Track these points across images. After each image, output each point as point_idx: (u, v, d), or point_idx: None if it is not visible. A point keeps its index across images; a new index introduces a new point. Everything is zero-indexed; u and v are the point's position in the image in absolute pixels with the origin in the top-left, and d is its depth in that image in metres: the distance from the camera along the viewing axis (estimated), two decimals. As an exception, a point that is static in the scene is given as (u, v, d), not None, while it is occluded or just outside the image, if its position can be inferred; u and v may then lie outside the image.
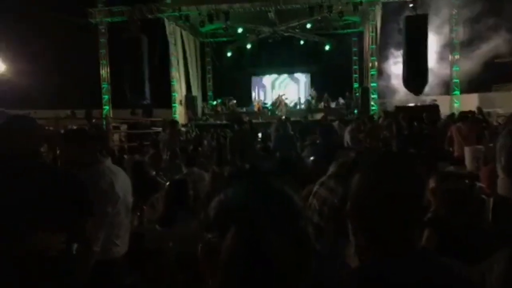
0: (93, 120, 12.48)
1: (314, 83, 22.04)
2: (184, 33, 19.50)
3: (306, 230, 0.71)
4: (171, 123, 9.65)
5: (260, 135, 11.95)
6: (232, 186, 0.72)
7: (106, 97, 18.91)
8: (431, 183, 3.56)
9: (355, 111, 18.40)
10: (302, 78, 22.88)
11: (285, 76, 22.92)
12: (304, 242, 0.69)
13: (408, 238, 0.93)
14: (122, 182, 2.58)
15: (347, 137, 9.21)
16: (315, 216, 2.35)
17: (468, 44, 17.15)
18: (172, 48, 18.57)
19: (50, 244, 1.92)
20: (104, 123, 10.86)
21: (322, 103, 19.81)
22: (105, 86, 18.89)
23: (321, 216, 2.35)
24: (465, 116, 8.60)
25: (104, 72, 18.81)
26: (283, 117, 14.01)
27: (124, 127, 13.01)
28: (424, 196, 0.97)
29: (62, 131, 10.60)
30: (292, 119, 12.61)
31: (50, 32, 17.93)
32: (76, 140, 2.56)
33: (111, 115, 17.66)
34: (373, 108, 17.30)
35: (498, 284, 2.06)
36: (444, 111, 15.13)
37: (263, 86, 23.20)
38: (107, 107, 18.80)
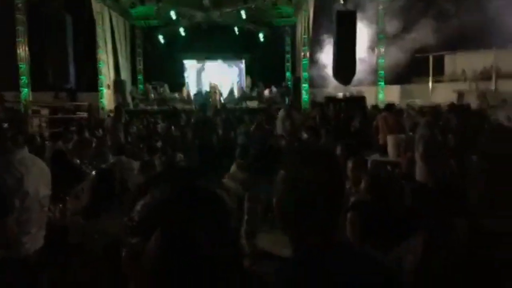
0: (6, 103, 11.52)
1: (248, 71, 22.11)
2: (113, 14, 18.49)
3: (234, 228, 0.69)
4: (115, 108, 9.17)
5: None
6: (157, 188, 0.69)
7: (24, 78, 17.41)
8: (349, 167, 3.75)
9: (287, 100, 18.79)
10: (235, 65, 22.84)
11: (219, 62, 22.71)
12: (233, 241, 0.68)
13: (329, 228, 0.96)
14: (36, 175, 2.38)
15: (278, 126, 9.38)
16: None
17: (394, 38, 18.20)
18: (99, 28, 17.51)
19: None
20: (22, 107, 10.03)
21: (256, 91, 19.95)
22: (22, 66, 17.36)
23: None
24: (390, 106, 9.13)
25: (22, 51, 17.27)
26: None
27: (45, 111, 12.11)
28: (341, 187, 1.02)
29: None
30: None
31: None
32: None
33: (31, 99, 16.35)
34: (304, 97, 17.78)
35: (413, 267, 2.22)
36: (371, 101, 15.98)
37: (195, 72, 22.81)
38: (25, 90, 17.34)
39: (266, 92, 19.90)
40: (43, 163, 2.61)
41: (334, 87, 18.51)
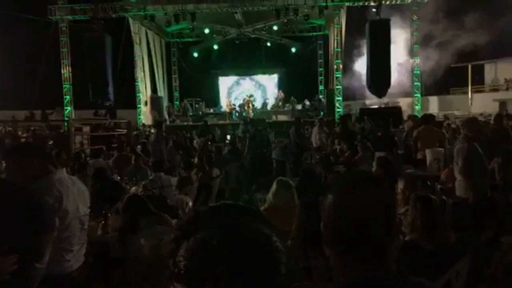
0: (50, 122, 12.10)
1: (280, 85, 22.21)
2: (149, 33, 19.16)
3: (284, 276, 0.67)
4: (157, 124, 9.43)
5: (228, 137, 11.91)
6: (202, 230, 0.66)
7: (67, 97, 18.30)
8: (400, 186, 3.68)
9: (321, 113, 18.69)
10: (269, 79, 22.99)
11: (251, 77, 22.95)
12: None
13: (383, 258, 0.95)
14: (75, 194, 2.49)
15: (313, 139, 9.35)
16: None
17: (430, 47, 17.81)
18: (136, 48, 18.19)
19: (3, 267, 1.84)
20: (66, 125, 10.49)
21: (289, 105, 19.99)
22: (66, 86, 18.26)
23: None
24: (427, 118, 8.86)
25: (66, 72, 18.19)
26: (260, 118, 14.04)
27: (87, 129, 12.61)
28: (395, 213, 0.99)
29: (23, 136, 10.19)
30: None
31: (8, 29, 17.19)
32: (20, 155, 2.45)
33: (73, 116, 17.11)
34: (338, 110, 17.63)
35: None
36: (408, 113, 15.64)
37: (230, 87, 23.12)
38: (69, 108, 18.20)
39: (299, 106, 19.89)
40: (81, 183, 2.73)
41: (369, 99, 18.28)
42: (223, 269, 0.61)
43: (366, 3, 16.31)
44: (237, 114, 19.34)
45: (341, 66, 17.68)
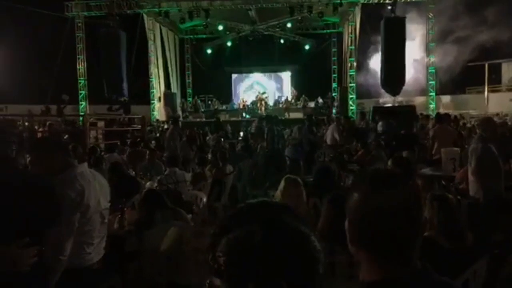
0: (66, 116, 12.24)
1: (293, 82, 22.15)
2: (163, 29, 19.27)
3: (322, 276, 0.67)
4: (173, 120, 9.51)
5: (241, 134, 11.93)
6: (242, 227, 0.67)
7: (82, 92, 18.52)
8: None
9: (334, 111, 18.60)
10: (282, 76, 22.95)
11: (265, 74, 22.94)
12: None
13: (409, 257, 0.95)
14: (97, 189, 2.52)
15: (330, 136, 9.31)
16: None
17: (445, 46, 17.56)
18: (151, 44, 18.31)
19: (23, 259, 1.88)
20: (82, 120, 10.62)
21: (300, 102, 19.94)
22: (81, 81, 18.49)
23: None
24: (442, 117, 8.77)
25: (81, 67, 18.41)
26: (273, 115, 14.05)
27: (101, 124, 12.75)
28: (421, 213, 0.98)
29: (40, 130, 10.35)
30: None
31: (25, 24, 17.43)
32: (43, 149, 2.48)
33: (88, 111, 17.30)
34: (352, 108, 17.53)
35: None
36: (420, 112, 15.46)
37: (243, 84, 23.13)
38: (83, 103, 18.42)
39: (312, 103, 19.83)
40: (102, 177, 2.77)
41: (383, 97, 18.13)
42: (264, 266, 0.62)
43: (381, 0, 16.16)
44: (249, 111, 19.37)
45: (354, 63, 17.58)
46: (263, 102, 19.55)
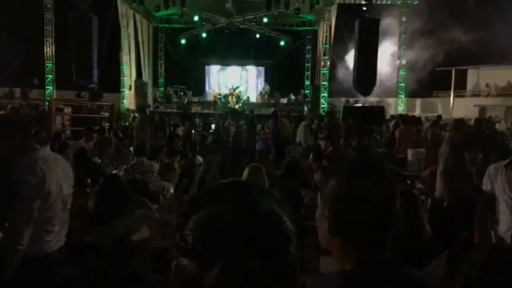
0: (30, 101, 11.80)
1: (267, 78, 22.18)
2: (137, 16, 18.82)
3: (294, 257, 0.65)
4: (142, 110, 9.35)
5: (213, 126, 11.83)
6: (214, 205, 0.64)
7: (49, 76, 17.88)
8: None
9: (305, 108, 18.76)
10: (255, 71, 22.92)
11: (239, 67, 22.84)
12: (292, 270, 0.65)
13: (383, 245, 0.96)
14: (59, 174, 2.40)
15: (300, 133, 9.37)
16: None
17: (416, 50, 18.01)
18: (123, 31, 17.85)
19: None
20: (47, 104, 10.25)
21: (274, 99, 20.01)
22: (49, 65, 17.84)
23: None
24: (406, 119, 9.03)
25: (49, 50, 17.75)
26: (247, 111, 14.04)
27: (68, 110, 12.36)
28: (396, 203, 0.99)
29: (1, 113, 9.92)
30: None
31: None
32: (1, 130, 2.32)
33: (55, 96, 16.73)
34: (323, 106, 17.73)
35: (440, 283, 2.20)
36: (391, 113, 15.84)
37: (216, 76, 22.96)
38: (50, 88, 17.79)
39: (284, 99, 19.92)
40: (66, 161, 2.64)
41: (353, 97, 18.43)
42: (234, 244, 0.60)
43: (357, 1, 16.38)
44: (221, 104, 19.27)
45: (328, 62, 17.76)
46: (233, 98, 19.42)
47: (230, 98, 19.37)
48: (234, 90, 19.95)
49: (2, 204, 1.90)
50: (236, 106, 18.46)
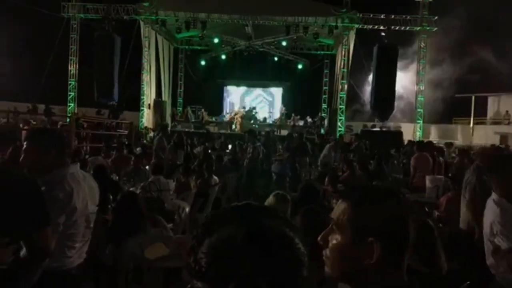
0: (53, 116, 12.08)
1: (284, 100, 22.30)
2: (159, 37, 19.30)
3: (305, 278, 0.66)
4: (162, 128, 9.50)
5: (230, 147, 11.88)
6: (226, 228, 0.66)
7: (72, 94, 18.36)
8: None
9: (322, 131, 18.71)
10: (274, 92, 23.10)
11: (257, 89, 23.07)
12: None
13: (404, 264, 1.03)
14: (86, 191, 2.42)
15: (326, 157, 9.33)
16: None
17: (435, 76, 17.94)
18: (145, 51, 18.30)
19: (1, 256, 1.81)
20: (68, 121, 10.49)
21: (290, 121, 20.04)
22: (72, 83, 18.35)
23: None
24: (423, 145, 8.91)
25: (73, 68, 18.28)
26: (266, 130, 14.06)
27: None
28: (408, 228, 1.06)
29: (25, 128, 10.18)
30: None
31: (19, 21, 17.29)
32: (40, 141, 2.33)
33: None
34: (340, 129, 17.67)
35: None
36: (407, 138, 15.66)
37: (234, 97, 23.18)
38: (72, 105, 18.23)
39: (300, 122, 19.93)
40: (93, 180, 2.67)
41: (370, 121, 18.35)
42: (247, 268, 0.61)
43: (376, 27, 16.49)
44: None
45: (346, 86, 17.79)
46: (239, 118, 19.26)
47: (235, 121, 19.20)
48: (251, 110, 20.00)
49: (28, 219, 1.92)
50: (240, 129, 18.40)
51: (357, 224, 1.01)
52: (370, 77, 16.54)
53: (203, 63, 21.61)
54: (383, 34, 15.73)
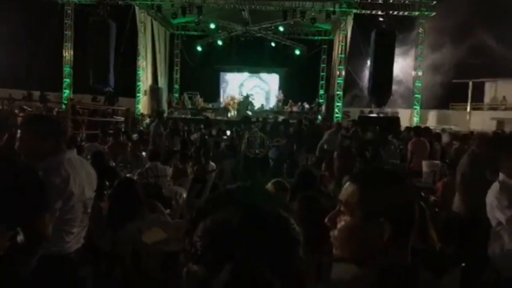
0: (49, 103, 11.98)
1: (281, 86, 22.21)
2: (154, 23, 19.08)
3: (301, 258, 0.66)
4: (158, 114, 9.47)
5: (228, 132, 11.85)
6: (221, 211, 0.65)
7: (67, 80, 18.20)
8: None
9: (319, 117, 18.69)
10: (270, 79, 22.97)
11: (254, 75, 22.93)
12: (301, 272, 0.65)
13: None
14: (83, 177, 2.42)
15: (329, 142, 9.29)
16: None
17: (433, 61, 17.87)
18: (141, 37, 18.11)
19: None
20: (65, 107, 10.42)
21: (287, 107, 19.99)
22: (67, 69, 18.17)
23: None
24: (421, 131, 8.92)
25: (68, 55, 18.08)
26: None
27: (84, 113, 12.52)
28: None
29: (21, 115, 10.12)
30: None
31: (13, 8, 17.04)
32: (38, 127, 2.33)
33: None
34: (337, 115, 17.65)
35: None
36: (404, 124, 15.67)
37: (231, 83, 23.05)
38: (67, 91, 18.09)
39: (296, 108, 19.88)
40: (90, 166, 2.67)
41: (367, 107, 18.32)
42: (242, 250, 0.61)
43: (374, 12, 16.34)
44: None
45: (343, 72, 17.71)
46: (233, 105, 19.25)
47: (230, 107, 19.18)
48: (232, 99, 19.92)
49: (23, 204, 1.92)
50: (249, 113, 18.44)
51: (368, 205, 1.04)
52: (368, 63, 16.45)
53: (199, 49, 21.44)
54: (381, 19, 15.59)
